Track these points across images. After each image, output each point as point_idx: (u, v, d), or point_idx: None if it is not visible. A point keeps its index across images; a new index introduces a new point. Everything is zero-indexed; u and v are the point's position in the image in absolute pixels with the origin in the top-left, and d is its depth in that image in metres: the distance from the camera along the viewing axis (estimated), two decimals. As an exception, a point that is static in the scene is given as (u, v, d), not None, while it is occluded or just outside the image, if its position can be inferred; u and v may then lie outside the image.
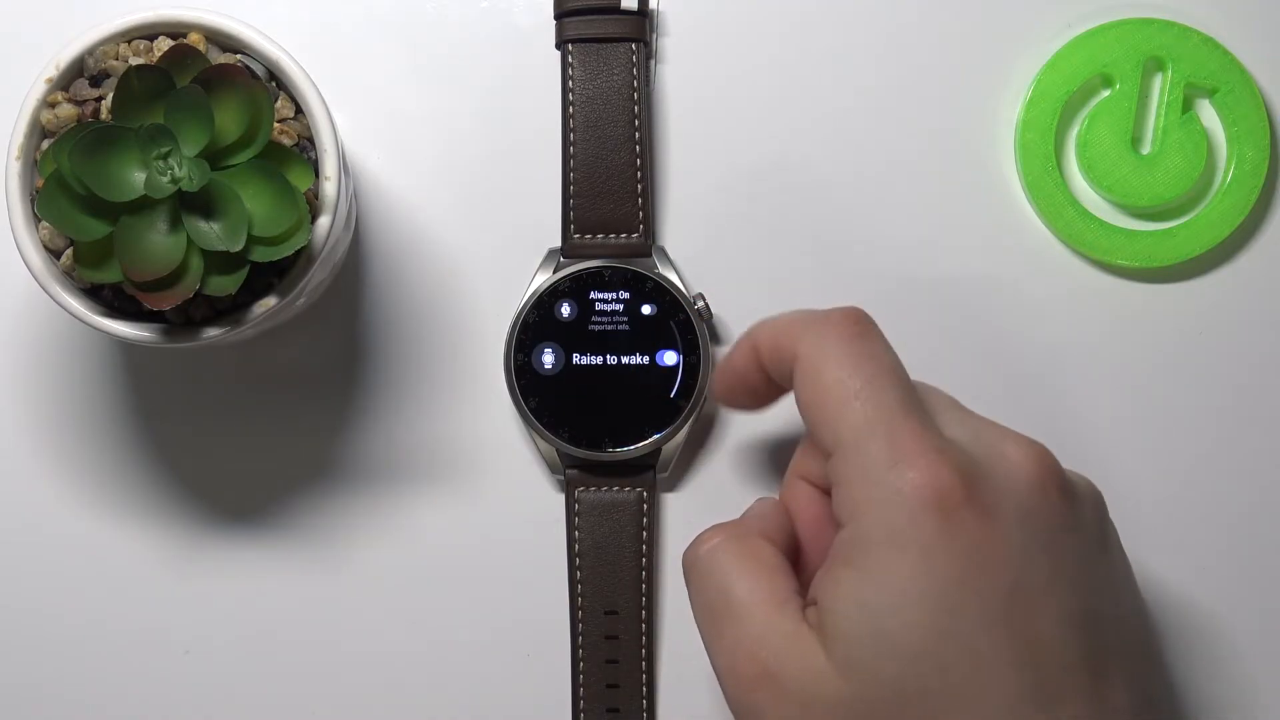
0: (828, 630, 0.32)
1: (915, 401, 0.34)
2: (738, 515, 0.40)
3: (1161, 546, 0.45)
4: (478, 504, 0.45)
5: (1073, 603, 0.32)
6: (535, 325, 0.43)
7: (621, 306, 0.43)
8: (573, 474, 0.44)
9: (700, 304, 0.43)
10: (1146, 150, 0.45)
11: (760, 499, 0.39)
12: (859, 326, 0.35)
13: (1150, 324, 0.45)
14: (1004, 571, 0.32)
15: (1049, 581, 0.32)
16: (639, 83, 0.43)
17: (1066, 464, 0.45)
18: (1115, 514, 0.45)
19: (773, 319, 0.37)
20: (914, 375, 0.45)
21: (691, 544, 0.36)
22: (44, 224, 0.38)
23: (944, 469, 0.32)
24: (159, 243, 0.36)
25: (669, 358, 0.43)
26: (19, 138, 0.38)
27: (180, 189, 0.36)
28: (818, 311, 0.36)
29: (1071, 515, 0.34)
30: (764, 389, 0.38)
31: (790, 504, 0.38)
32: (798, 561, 0.37)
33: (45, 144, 0.38)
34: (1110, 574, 0.34)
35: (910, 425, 0.33)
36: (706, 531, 0.36)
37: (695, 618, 0.35)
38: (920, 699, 0.31)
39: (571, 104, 0.43)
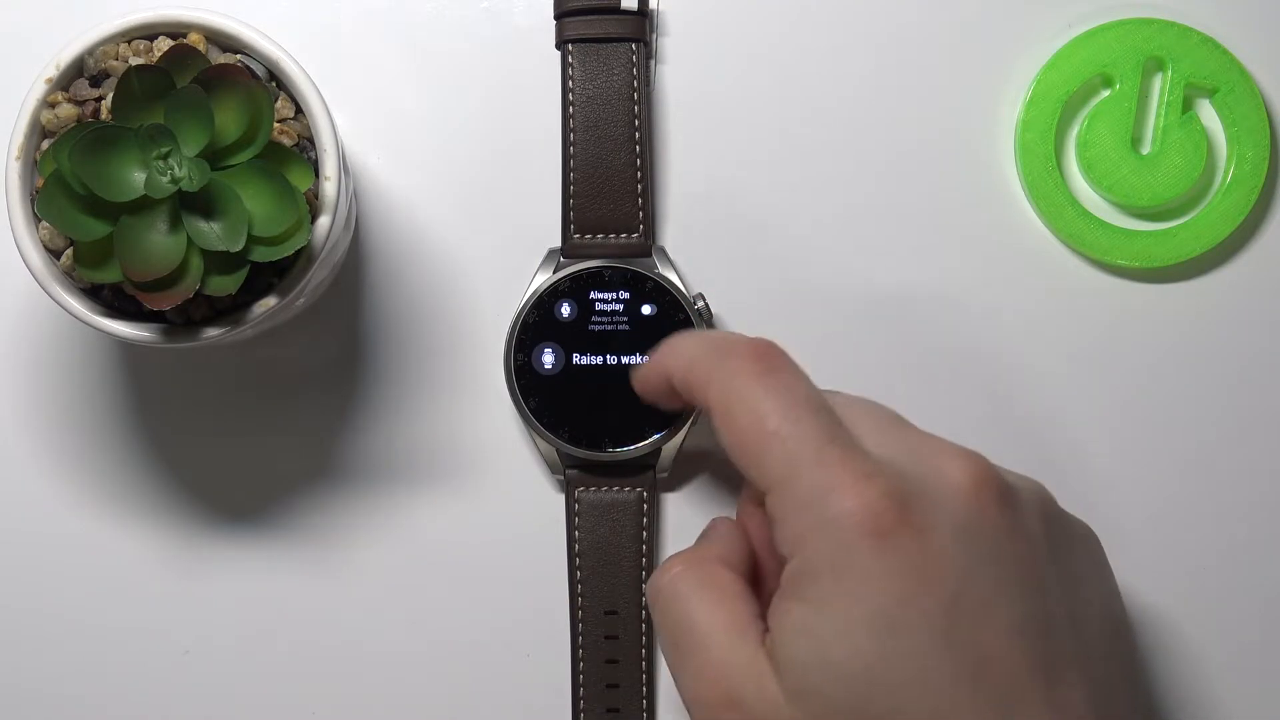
0: (779, 659, 0.32)
1: (836, 428, 0.33)
2: (736, 515, 0.40)
3: (1160, 546, 0.45)
4: (478, 504, 0.45)
5: (1020, 611, 0.32)
6: (535, 325, 0.43)
7: (621, 306, 0.43)
8: (573, 474, 0.44)
9: (700, 304, 0.43)
10: (1146, 150, 0.45)
11: (716, 519, 0.39)
12: (765, 361, 0.35)
13: (1150, 324, 0.45)
14: (944, 587, 0.31)
15: (992, 593, 0.32)
16: (639, 83, 0.43)
17: (1067, 463, 0.45)
18: (1113, 514, 0.45)
19: (683, 344, 0.37)
20: (914, 374, 0.45)
21: (654, 574, 0.37)
22: (44, 224, 0.38)
23: (874, 493, 0.32)
24: (159, 243, 0.36)
25: (669, 358, 0.43)
26: (19, 138, 0.38)
27: (180, 189, 0.36)
28: (726, 343, 0.35)
29: (1013, 523, 0.33)
30: (682, 404, 0.38)
31: (746, 525, 0.38)
32: (758, 582, 0.37)
33: (45, 144, 0.38)
34: (1062, 577, 0.34)
35: (835, 453, 0.32)
36: (668, 561, 0.37)
37: (661, 648, 0.36)
38: None
39: (571, 104, 0.43)
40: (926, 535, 0.32)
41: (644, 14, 0.44)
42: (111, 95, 0.36)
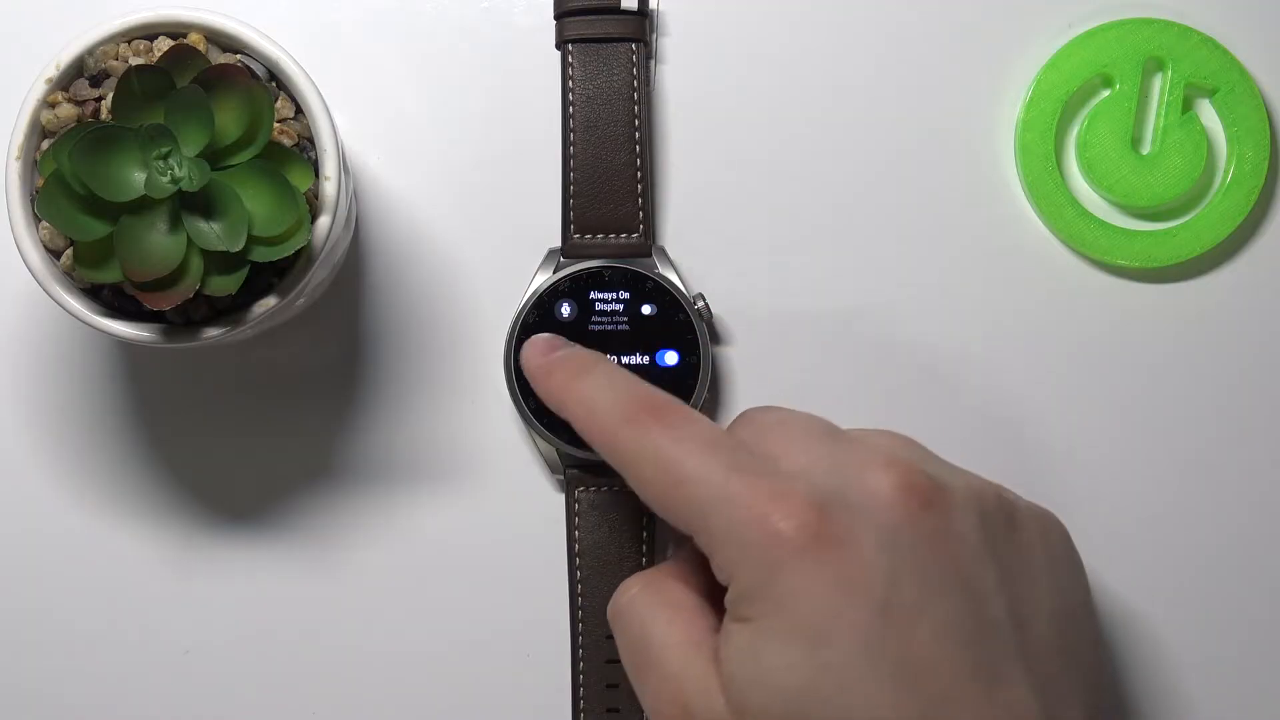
0: (724, 676, 0.33)
1: (738, 457, 0.33)
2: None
3: (1160, 546, 0.45)
4: (478, 504, 0.45)
5: (952, 614, 0.32)
6: (535, 325, 0.43)
7: (621, 306, 0.43)
8: (573, 474, 0.44)
9: (700, 304, 0.43)
10: (1146, 150, 0.45)
11: (677, 539, 0.39)
12: (661, 414, 0.35)
13: (1150, 324, 0.45)
14: (870, 596, 0.31)
15: (921, 598, 0.32)
16: (639, 83, 0.43)
17: (1067, 462, 0.45)
18: (1113, 514, 0.45)
19: (581, 388, 0.37)
20: (914, 374, 0.45)
21: (614, 595, 0.37)
22: (44, 224, 0.38)
23: (790, 510, 0.32)
24: (159, 243, 0.36)
25: (669, 358, 0.43)
26: (19, 138, 0.38)
27: (180, 189, 0.36)
28: (620, 405, 0.36)
29: (942, 525, 0.33)
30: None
31: None
32: (718, 597, 0.37)
33: (45, 144, 0.38)
34: (1004, 573, 0.34)
35: (739, 483, 0.33)
36: (626, 581, 0.37)
37: (623, 664, 0.36)
38: None
39: (571, 104, 0.43)
40: (848, 545, 0.32)
41: (644, 14, 0.44)
42: (111, 95, 0.36)
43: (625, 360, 0.43)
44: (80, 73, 0.39)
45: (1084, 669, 0.35)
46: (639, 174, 0.43)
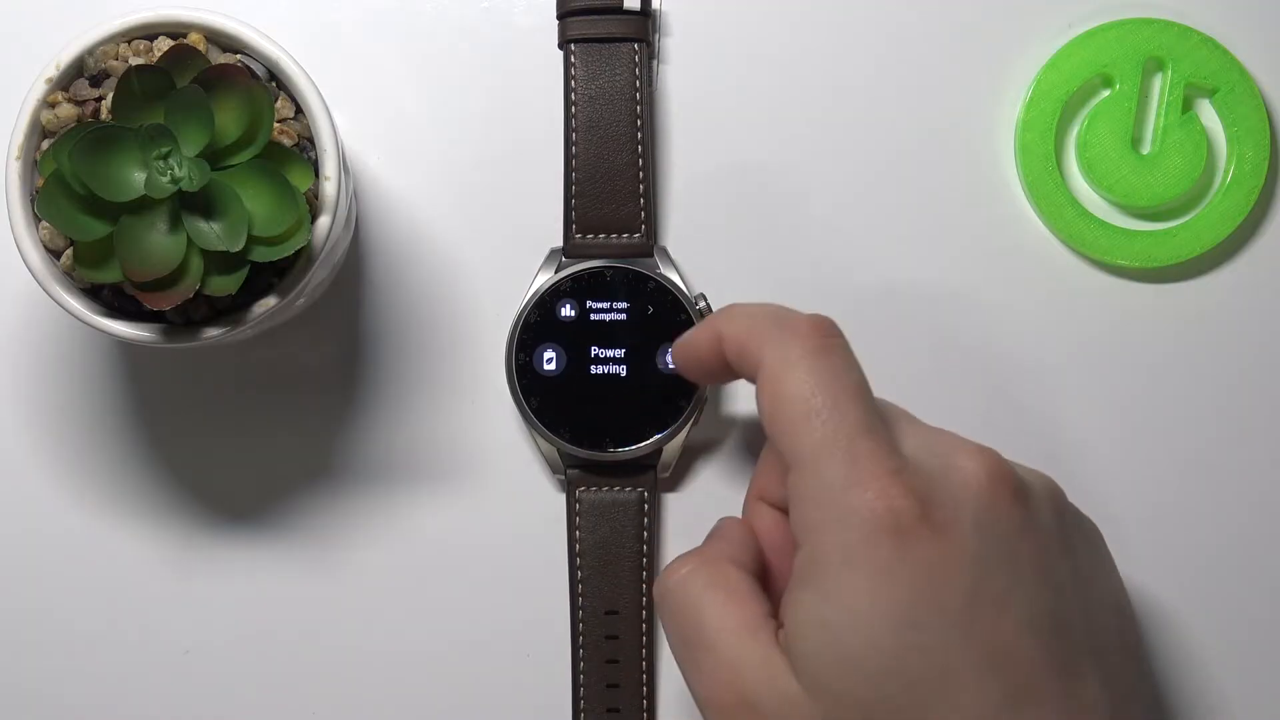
0: (794, 653, 0.32)
1: (876, 421, 0.33)
2: (738, 515, 0.40)
3: (1160, 545, 0.45)
4: (478, 504, 0.45)
5: (1036, 606, 0.32)
6: (537, 325, 0.43)
7: (623, 307, 0.43)
8: (574, 474, 0.44)
9: (702, 304, 0.43)
10: (1146, 150, 0.45)
11: (724, 519, 0.39)
12: (826, 339, 0.35)
13: (1150, 324, 0.45)
14: (962, 583, 0.32)
15: (1009, 588, 0.32)
16: (641, 83, 0.43)
17: (1067, 462, 0.45)
18: (1114, 513, 0.45)
19: (742, 310, 0.37)
20: (914, 374, 0.45)
21: (661, 574, 0.36)
22: (44, 224, 0.38)
23: (898, 490, 0.32)
24: (159, 243, 0.36)
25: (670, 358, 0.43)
26: (19, 138, 0.38)
27: (180, 189, 0.36)
28: (786, 315, 0.36)
29: (1027, 518, 0.34)
30: (723, 374, 0.38)
31: (754, 524, 0.38)
32: (767, 581, 0.37)
33: (45, 144, 0.38)
34: (1075, 571, 0.34)
35: (868, 445, 0.33)
36: (676, 561, 0.36)
37: (671, 648, 0.35)
38: (891, 715, 0.31)
39: (574, 104, 0.43)
40: (945, 533, 0.32)
41: (646, 14, 0.44)
42: (111, 95, 0.36)
43: (626, 360, 0.43)
44: (80, 73, 0.39)
45: (1137, 670, 0.35)
46: (641, 174, 0.43)
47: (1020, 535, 0.33)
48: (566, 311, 0.43)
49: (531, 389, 0.43)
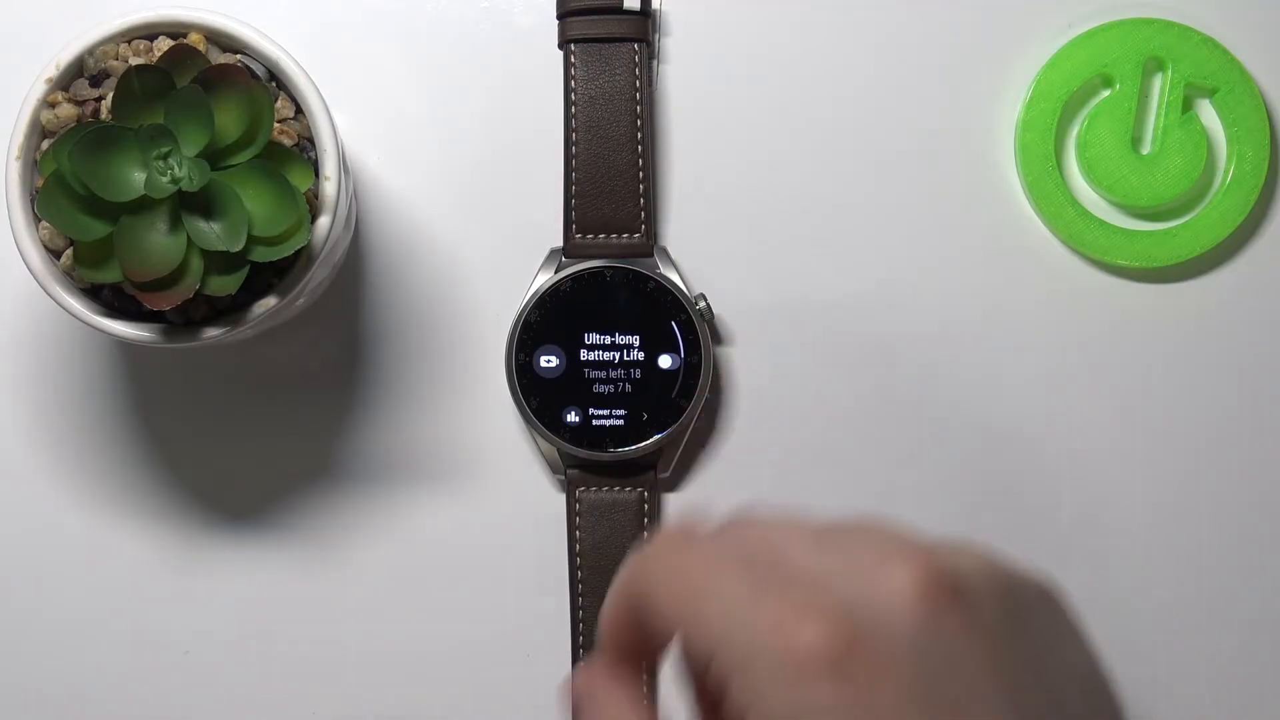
0: None
1: (769, 570, 0.31)
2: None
3: (1160, 545, 0.45)
4: (478, 504, 0.45)
5: (994, 708, 0.31)
6: (537, 325, 0.43)
7: (624, 308, 0.43)
8: (574, 474, 0.44)
9: (702, 304, 0.43)
10: (1146, 150, 0.45)
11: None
12: (676, 540, 0.32)
13: (1150, 324, 0.45)
14: (906, 709, 0.30)
15: (961, 698, 0.31)
16: (641, 83, 0.43)
17: (1067, 463, 0.45)
18: (1113, 514, 0.45)
19: (619, 577, 0.33)
20: (914, 374, 0.45)
21: (568, 682, 0.33)
22: (44, 224, 0.38)
23: (820, 625, 0.29)
24: (159, 243, 0.36)
25: (671, 358, 0.43)
26: (19, 138, 0.38)
27: (180, 189, 0.36)
28: (641, 549, 0.33)
29: (969, 620, 0.31)
30: (652, 646, 0.34)
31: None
32: None
33: (45, 144, 0.38)
34: (1035, 658, 0.32)
35: (771, 593, 0.30)
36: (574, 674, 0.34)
37: None
38: None
39: (574, 104, 0.43)
40: (882, 655, 0.30)
41: (647, 14, 0.44)
42: (111, 95, 0.36)
43: (626, 360, 0.43)
44: (80, 73, 0.39)
45: None
46: (641, 174, 0.43)
47: (966, 639, 0.30)
48: (567, 312, 0.43)
49: (531, 389, 0.43)
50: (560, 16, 0.44)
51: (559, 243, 0.44)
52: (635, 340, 0.43)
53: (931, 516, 0.45)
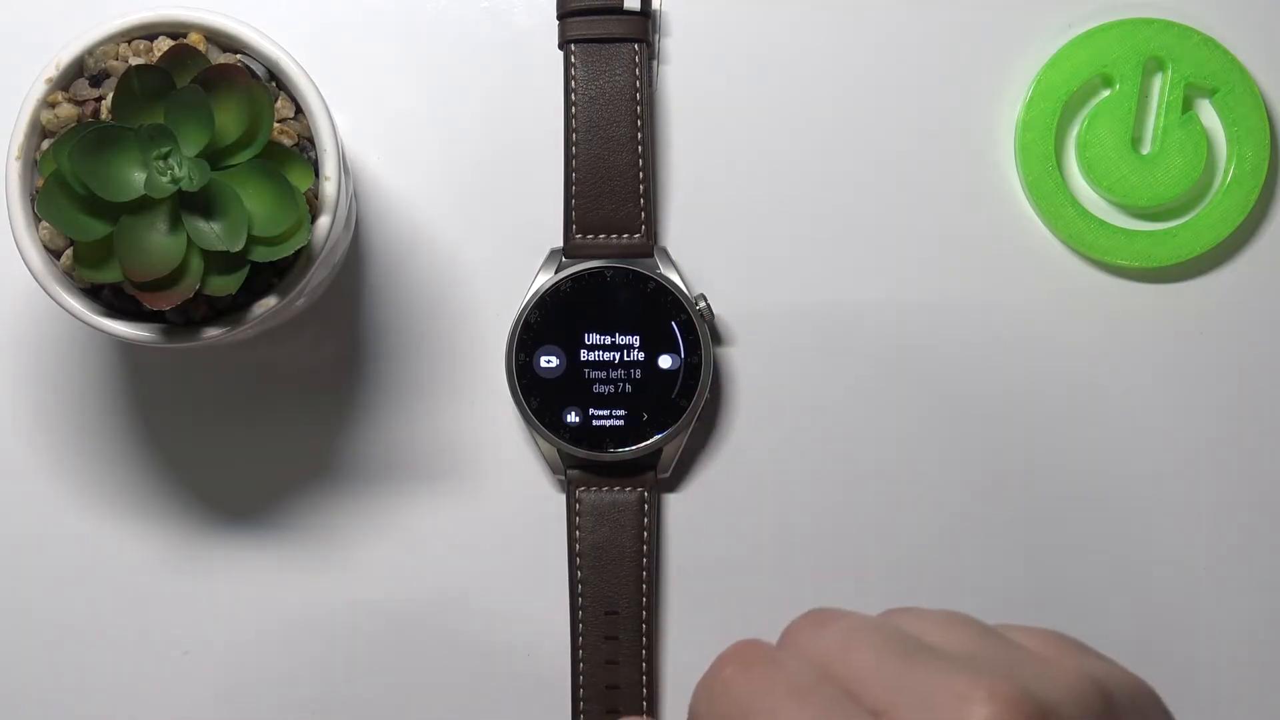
0: None
1: (833, 703, 0.26)
2: (738, 516, 0.40)
3: (1160, 545, 0.45)
4: (478, 504, 0.45)
5: None
6: (537, 325, 0.43)
7: (624, 308, 0.43)
8: (574, 474, 0.44)
9: (702, 305, 0.43)
10: (1146, 150, 0.45)
11: None
12: (740, 661, 0.27)
13: (1150, 324, 0.45)
14: None
15: None
16: (642, 83, 0.43)
17: (1066, 463, 0.45)
18: (1113, 514, 0.45)
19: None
20: (914, 374, 0.45)
21: None
22: (44, 224, 0.38)
23: None
24: (159, 243, 0.36)
25: (671, 359, 0.43)
26: (19, 138, 0.38)
27: (180, 189, 0.36)
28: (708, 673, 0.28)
29: None
30: None
31: None
32: None
33: (45, 144, 0.38)
34: None
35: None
36: None
37: None
38: None
39: (574, 104, 0.43)
40: None
41: (647, 14, 0.44)
42: (111, 95, 0.36)
43: (627, 362, 0.43)
44: (80, 73, 0.39)
45: None
46: (641, 174, 0.43)
47: None
48: (567, 312, 0.43)
49: (531, 389, 0.43)
50: (560, 17, 0.44)
51: (559, 243, 0.44)
52: (635, 341, 0.43)
53: (931, 517, 0.45)
